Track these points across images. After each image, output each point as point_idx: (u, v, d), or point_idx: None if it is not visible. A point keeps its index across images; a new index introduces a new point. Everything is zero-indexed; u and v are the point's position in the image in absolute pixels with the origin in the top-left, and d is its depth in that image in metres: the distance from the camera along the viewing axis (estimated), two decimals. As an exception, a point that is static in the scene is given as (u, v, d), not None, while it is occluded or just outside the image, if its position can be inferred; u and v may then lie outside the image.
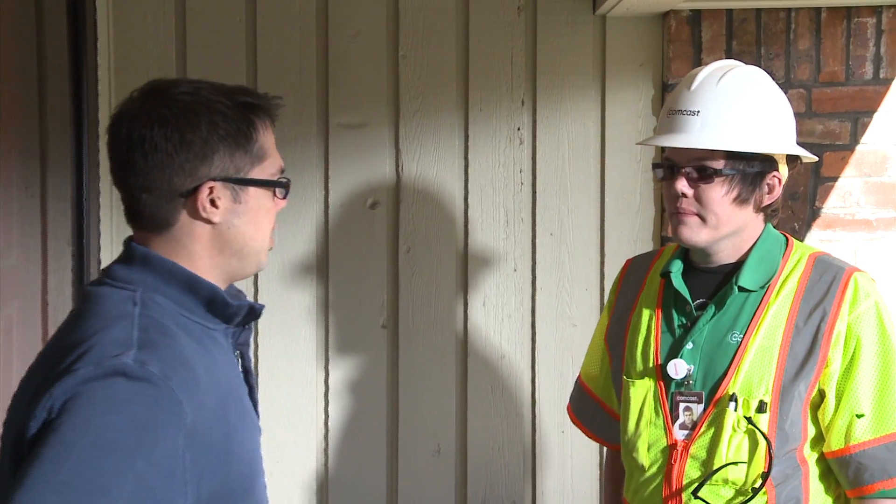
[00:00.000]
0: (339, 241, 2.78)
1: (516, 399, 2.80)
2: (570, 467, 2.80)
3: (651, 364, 1.84)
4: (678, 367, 1.79)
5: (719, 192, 1.76)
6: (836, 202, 2.72)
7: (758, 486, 1.73)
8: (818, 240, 2.70)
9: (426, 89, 2.76)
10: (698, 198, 1.76)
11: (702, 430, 1.77)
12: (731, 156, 1.76)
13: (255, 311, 1.40)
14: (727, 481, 1.74)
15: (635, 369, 1.87)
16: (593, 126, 2.77)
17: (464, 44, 2.76)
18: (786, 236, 1.87)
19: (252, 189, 1.35)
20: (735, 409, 1.74)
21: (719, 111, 1.77)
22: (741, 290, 1.80)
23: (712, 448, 1.75)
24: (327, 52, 2.76)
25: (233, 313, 1.37)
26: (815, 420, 1.78)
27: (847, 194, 2.72)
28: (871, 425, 1.73)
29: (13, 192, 2.38)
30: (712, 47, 2.69)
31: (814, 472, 1.79)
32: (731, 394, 1.74)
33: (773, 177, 1.80)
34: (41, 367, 1.29)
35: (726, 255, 1.83)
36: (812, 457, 1.79)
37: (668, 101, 1.86)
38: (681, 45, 2.70)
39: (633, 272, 1.99)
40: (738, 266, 1.82)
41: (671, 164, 1.80)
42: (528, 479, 2.81)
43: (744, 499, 1.73)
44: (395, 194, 2.77)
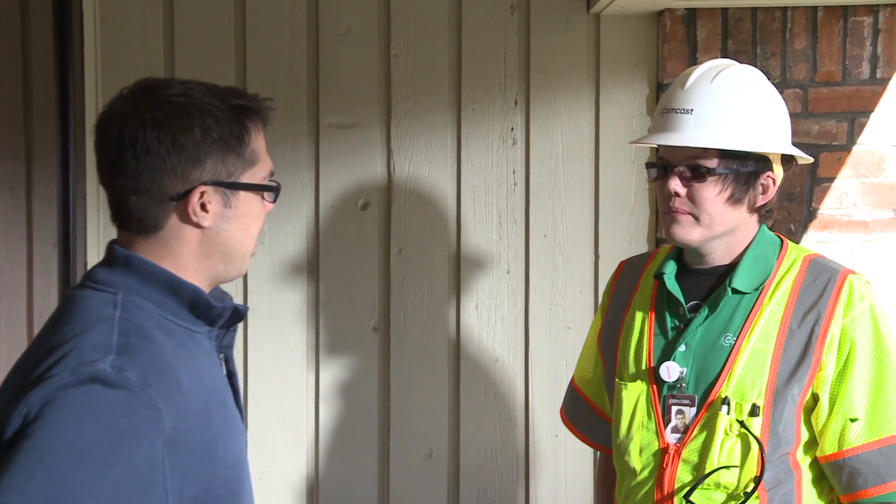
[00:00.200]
0: (329, 242, 2.77)
1: (509, 402, 2.79)
2: (564, 472, 2.80)
3: (644, 367, 1.84)
4: (671, 370, 1.79)
5: (712, 192, 1.76)
6: (832, 203, 2.72)
7: (750, 490, 1.72)
8: (814, 241, 2.70)
9: (418, 89, 2.75)
10: (691, 197, 1.76)
11: (694, 434, 1.77)
12: (724, 155, 1.76)
13: (239, 313, 1.39)
14: (719, 485, 1.74)
15: (628, 372, 1.87)
16: (587, 126, 2.76)
17: (456, 43, 2.75)
18: (780, 238, 1.87)
19: (243, 193, 1.34)
20: (727, 413, 1.73)
21: (713, 110, 1.77)
22: (735, 292, 1.79)
23: (704, 452, 1.75)
24: (318, 51, 2.75)
25: (217, 315, 1.36)
26: (809, 424, 1.78)
27: (843, 195, 2.72)
28: (865, 429, 1.73)
29: (-2, 192, 2.37)
30: (707, 46, 2.69)
31: (807, 476, 1.79)
32: (723, 397, 1.74)
33: (768, 177, 1.80)
34: (20, 372, 1.29)
35: (720, 256, 1.83)
36: (805, 461, 1.79)
37: (662, 99, 1.86)
38: (676, 45, 2.69)
39: (627, 274, 1.99)
40: (731, 268, 1.82)
41: (665, 164, 1.80)
42: (521, 483, 2.80)
43: (736, 503, 1.73)
44: (386, 195, 2.77)
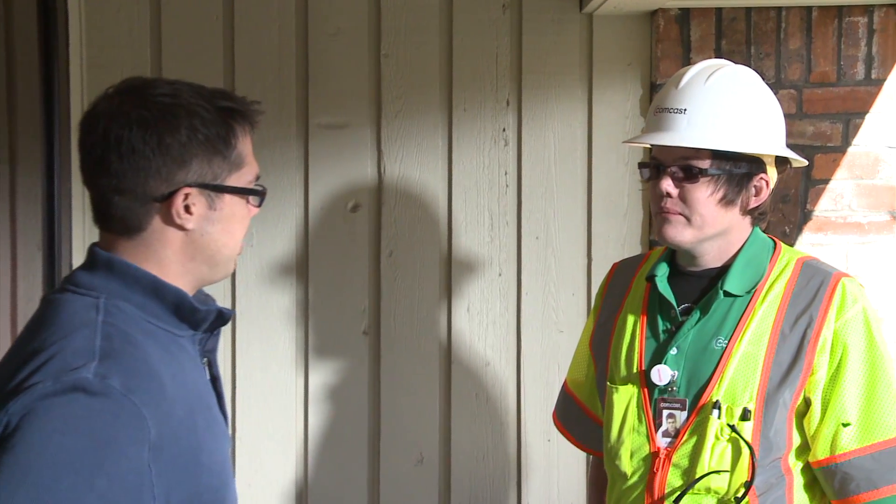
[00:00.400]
0: (319, 244, 2.77)
1: (501, 407, 2.78)
2: (556, 477, 2.79)
3: (635, 370, 1.83)
4: (662, 373, 1.79)
5: (704, 193, 1.76)
6: (827, 205, 2.72)
7: (741, 495, 1.72)
8: (809, 243, 2.70)
9: (409, 89, 2.75)
10: (683, 198, 1.76)
11: (684, 438, 1.76)
12: (717, 156, 1.76)
13: (223, 317, 1.39)
14: (709, 490, 1.74)
15: (619, 375, 1.86)
16: (580, 127, 2.76)
17: (447, 42, 2.75)
18: (774, 240, 1.87)
19: (228, 196, 1.34)
20: (718, 417, 1.73)
21: (706, 110, 1.77)
22: (727, 294, 1.79)
23: (695, 456, 1.75)
24: (307, 50, 2.75)
25: (201, 319, 1.36)
26: (801, 429, 1.77)
27: (839, 197, 2.72)
28: (858, 434, 1.73)
29: (-19, 194, 2.36)
30: (701, 47, 2.69)
31: (798, 481, 1.79)
32: (714, 401, 1.74)
33: (761, 179, 1.80)
34: None
35: (712, 258, 1.82)
36: (797, 466, 1.79)
37: (656, 99, 1.86)
38: (669, 45, 2.69)
39: (620, 276, 1.99)
40: (724, 270, 1.82)
41: (657, 164, 1.80)
42: (513, 488, 2.80)
43: (727, 508, 1.74)
44: (376, 197, 2.76)
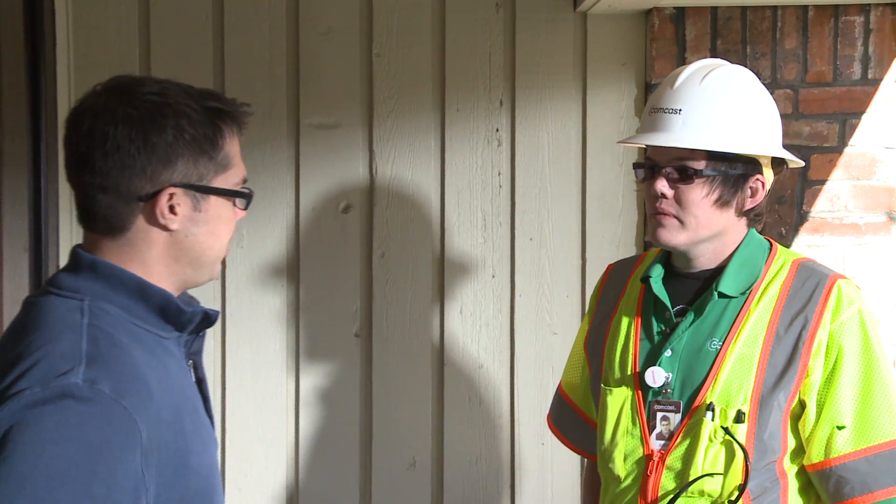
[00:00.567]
0: (310, 246, 2.76)
1: (494, 410, 2.78)
2: (550, 481, 2.79)
3: (629, 372, 1.83)
4: (656, 375, 1.79)
5: (699, 194, 1.76)
6: (823, 206, 2.72)
7: (734, 498, 1.72)
8: (805, 244, 2.70)
9: (401, 89, 2.75)
10: (678, 199, 1.76)
11: (678, 441, 1.76)
12: (712, 156, 1.76)
13: (209, 318, 1.38)
14: (703, 493, 1.74)
15: (613, 377, 1.87)
16: (574, 127, 2.76)
17: (440, 42, 2.75)
18: (770, 241, 1.87)
19: (213, 198, 1.33)
20: (712, 419, 1.73)
21: (701, 110, 1.77)
22: (721, 295, 1.79)
23: (688, 459, 1.75)
24: (298, 49, 2.74)
25: (186, 320, 1.36)
26: (796, 431, 1.77)
27: (835, 198, 2.72)
28: (853, 437, 1.73)
29: (-33, 195, 2.35)
30: (697, 46, 2.69)
31: (793, 485, 1.79)
32: (708, 403, 1.74)
33: (757, 180, 1.80)
34: None
35: (707, 259, 1.82)
36: (792, 470, 1.79)
37: (651, 99, 1.87)
38: (664, 44, 2.69)
39: (615, 277, 1.99)
40: (719, 271, 1.82)
41: (652, 164, 1.80)
42: (507, 492, 2.79)
43: (720, 511, 1.74)
44: (368, 198, 2.76)
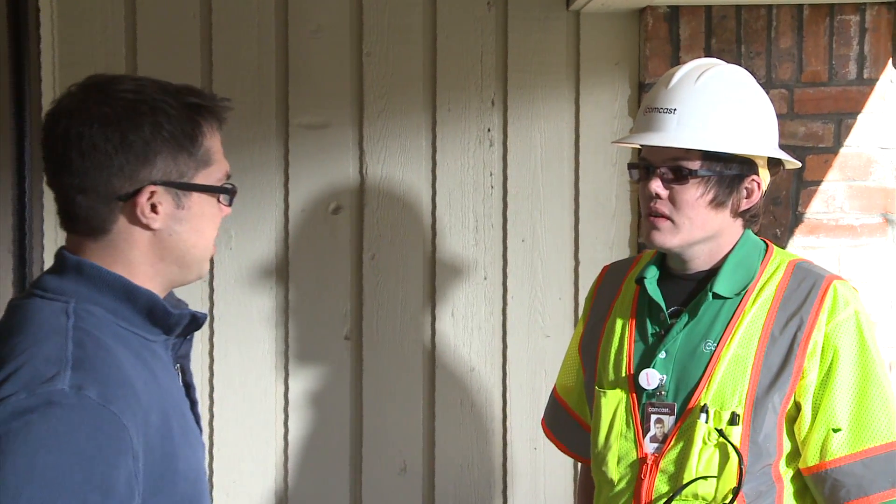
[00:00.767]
0: (299, 247, 2.76)
1: (486, 414, 2.78)
2: (543, 486, 2.78)
3: (623, 374, 1.83)
4: (650, 378, 1.78)
5: (694, 194, 1.76)
6: (819, 207, 2.72)
7: (728, 501, 1.72)
8: (801, 246, 2.70)
9: (392, 88, 2.74)
10: (672, 199, 1.77)
11: (672, 444, 1.76)
12: (707, 156, 1.76)
13: (197, 321, 1.38)
14: (697, 496, 1.74)
15: (607, 379, 1.87)
16: (567, 127, 2.76)
17: (431, 41, 2.74)
18: (766, 242, 1.88)
19: (195, 195, 1.33)
20: (706, 421, 1.73)
21: (696, 110, 1.78)
22: (716, 296, 1.80)
23: (682, 462, 1.75)
24: (287, 48, 2.74)
25: (174, 323, 1.35)
26: (791, 434, 1.77)
27: (831, 199, 2.72)
28: (848, 440, 1.73)
29: (-50, 195, 2.34)
30: (691, 45, 2.69)
31: (789, 489, 1.79)
32: (702, 405, 1.74)
33: (753, 180, 1.80)
34: None
35: (702, 261, 1.83)
36: (787, 474, 1.79)
37: (646, 98, 1.87)
38: (658, 43, 2.69)
39: (610, 279, 2.00)
40: (714, 272, 1.82)
41: (647, 165, 1.80)
42: (499, 497, 2.79)
43: (714, 515, 1.74)
44: (358, 198, 2.75)
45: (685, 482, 1.73)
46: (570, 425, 2.05)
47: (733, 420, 1.72)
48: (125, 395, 1.22)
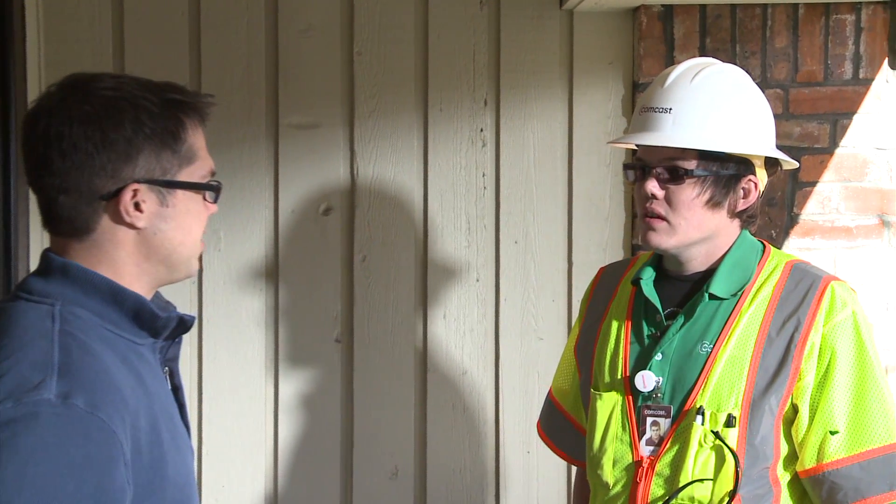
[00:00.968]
0: (289, 249, 2.75)
1: (479, 417, 2.77)
2: (536, 490, 2.78)
3: (619, 376, 1.83)
4: (646, 380, 1.78)
5: (690, 195, 1.75)
6: (814, 208, 2.72)
7: (725, 504, 1.72)
8: (796, 248, 2.70)
9: (383, 88, 2.74)
10: (668, 200, 1.76)
11: (667, 446, 1.76)
12: (703, 156, 1.76)
13: (185, 324, 1.37)
14: (693, 499, 1.73)
15: (603, 381, 1.86)
16: (560, 127, 2.76)
17: (423, 40, 2.74)
18: (763, 243, 1.87)
19: (180, 192, 1.32)
20: (702, 423, 1.73)
21: (692, 109, 1.78)
22: (712, 297, 1.79)
23: (678, 464, 1.74)
24: (277, 47, 2.73)
25: (161, 326, 1.34)
26: (789, 437, 1.77)
27: (826, 200, 2.72)
28: (846, 442, 1.73)
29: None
30: (685, 45, 2.69)
31: (787, 493, 1.78)
32: (698, 407, 1.74)
33: (749, 181, 1.80)
34: None
35: (699, 262, 1.83)
36: (785, 477, 1.78)
37: (641, 98, 1.87)
38: (652, 43, 2.69)
39: (606, 280, 1.99)
40: (710, 273, 1.81)
41: (642, 165, 1.80)
42: (492, 502, 2.79)
43: (711, 519, 1.73)
44: (349, 199, 2.75)
45: (681, 485, 1.72)
46: (565, 428, 2.05)
47: (730, 422, 1.71)
48: (113, 401, 1.21)
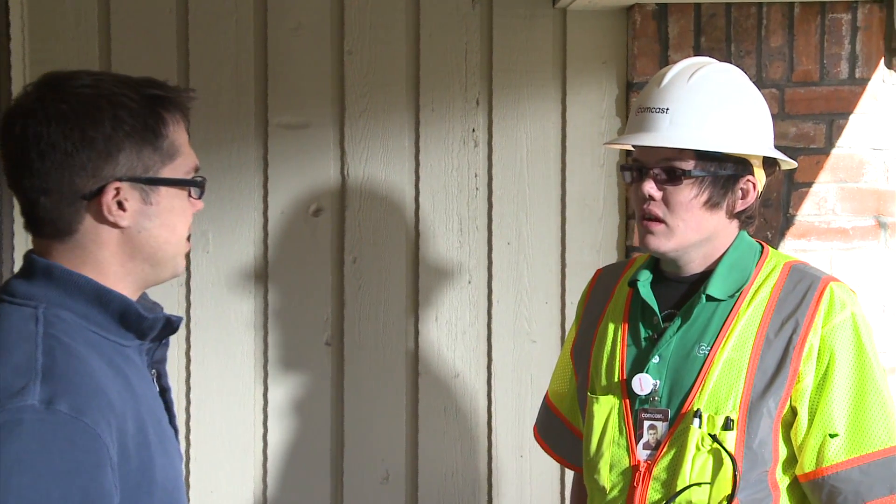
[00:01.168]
0: (279, 250, 2.74)
1: (471, 421, 2.76)
2: (529, 495, 2.77)
3: (616, 379, 1.82)
4: (643, 383, 1.77)
5: (688, 195, 1.75)
6: (810, 209, 2.71)
7: (723, 508, 1.71)
8: (792, 249, 2.70)
9: (374, 87, 2.73)
10: (666, 201, 1.76)
11: (665, 450, 1.75)
12: (701, 156, 1.75)
13: (172, 325, 1.36)
14: (690, 503, 1.72)
15: (599, 384, 1.85)
16: (553, 128, 2.75)
17: (414, 39, 2.73)
18: (762, 244, 1.87)
19: (164, 189, 1.31)
20: (699, 427, 1.72)
21: (689, 109, 1.77)
22: (710, 299, 1.78)
23: (675, 468, 1.74)
24: (266, 46, 2.73)
25: (148, 327, 1.33)
26: (788, 440, 1.76)
27: (822, 201, 2.71)
28: (845, 446, 1.72)
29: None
30: (680, 44, 2.68)
31: (786, 497, 1.77)
32: (695, 410, 1.73)
33: (748, 181, 1.80)
34: None
35: (697, 264, 1.82)
36: (784, 482, 1.77)
37: (638, 99, 1.86)
38: (646, 42, 2.68)
39: (602, 282, 1.99)
40: (708, 275, 1.81)
41: (639, 166, 1.79)
42: (484, 507, 2.77)
43: (709, 523, 1.72)
44: (340, 200, 2.74)
45: (678, 489, 1.71)
46: (562, 433, 2.04)
47: (727, 425, 1.70)
48: (98, 405, 1.20)
